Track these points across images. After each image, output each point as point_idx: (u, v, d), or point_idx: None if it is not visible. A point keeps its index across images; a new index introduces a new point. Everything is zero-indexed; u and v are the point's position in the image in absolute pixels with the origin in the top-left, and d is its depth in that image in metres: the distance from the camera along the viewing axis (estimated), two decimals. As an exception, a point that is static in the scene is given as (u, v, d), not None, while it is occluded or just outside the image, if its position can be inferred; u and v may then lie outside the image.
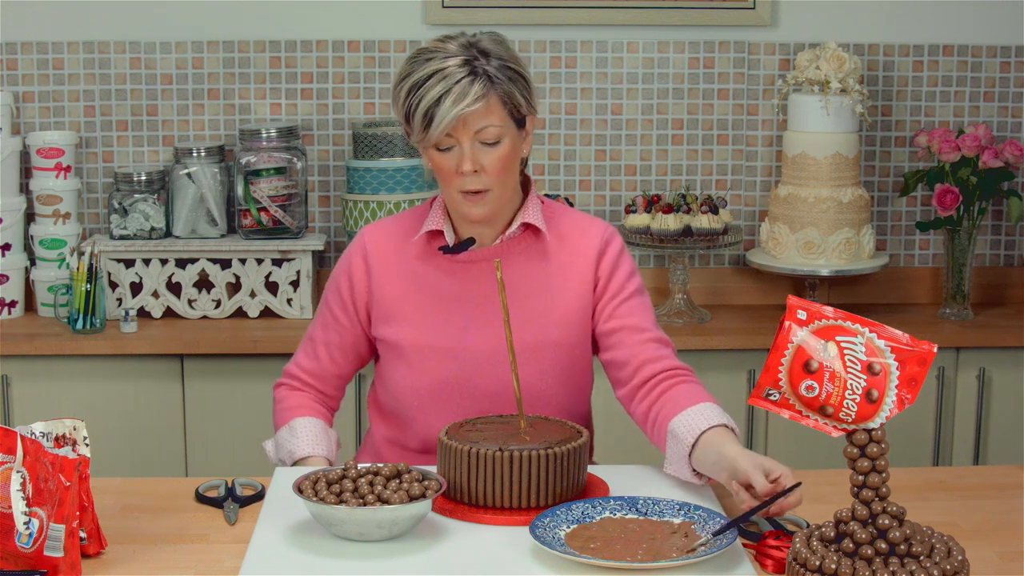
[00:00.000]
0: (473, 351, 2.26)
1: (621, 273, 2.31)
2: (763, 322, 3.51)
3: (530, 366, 2.26)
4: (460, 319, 2.28)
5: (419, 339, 2.28)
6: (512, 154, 2.21)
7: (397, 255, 2.32)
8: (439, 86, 2.14)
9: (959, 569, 1.70)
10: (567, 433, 2.09)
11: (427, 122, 2.15)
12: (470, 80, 2.14)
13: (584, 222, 2.35)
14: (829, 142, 3.46)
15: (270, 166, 3.48)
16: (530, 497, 2.01)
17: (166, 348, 3.29)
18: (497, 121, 2.18)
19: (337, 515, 1.88)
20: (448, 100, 2.13)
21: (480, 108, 2.15)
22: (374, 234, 2.35)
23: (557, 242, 2.31)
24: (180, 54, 3.61)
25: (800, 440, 3.38)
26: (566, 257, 2.30)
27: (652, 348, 2.28)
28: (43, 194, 3.51)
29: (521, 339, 2.23)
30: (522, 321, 2.25)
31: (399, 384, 2.31)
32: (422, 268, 2.31)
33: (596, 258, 2.30)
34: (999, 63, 3.69)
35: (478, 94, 2.14)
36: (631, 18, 3.63)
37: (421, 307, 2.29)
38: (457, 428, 2.11)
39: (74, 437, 1.92)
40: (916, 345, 1.73)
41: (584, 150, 3.69)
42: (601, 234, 2.32)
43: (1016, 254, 3.80)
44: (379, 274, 2.32)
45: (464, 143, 2.17)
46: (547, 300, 2.29)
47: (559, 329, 2.29)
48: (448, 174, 2.20)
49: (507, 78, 2.18)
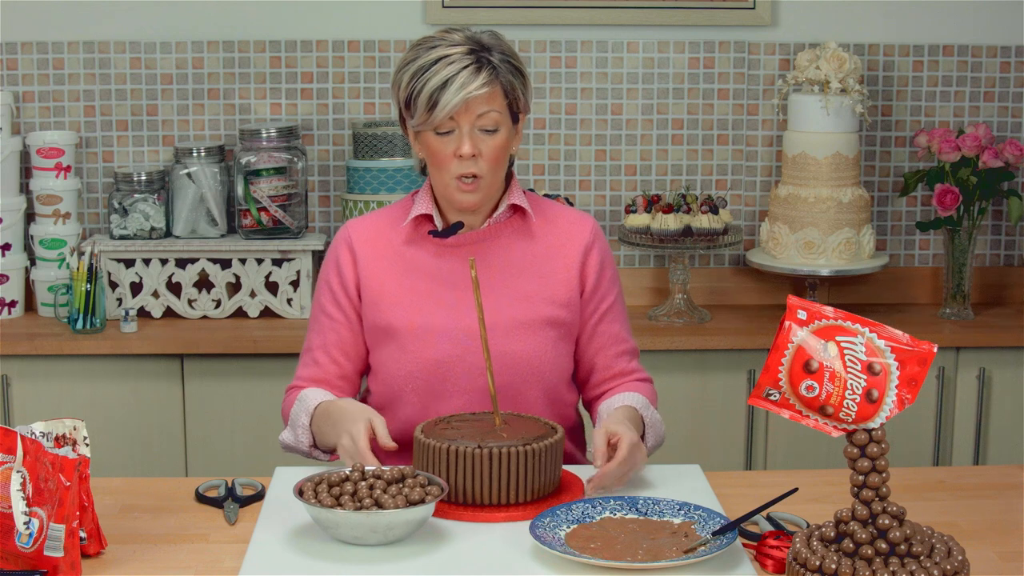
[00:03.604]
0: (466, 329, 2.28)
1: (606, 278, 2.38)
2: (763, 322, 3.51)
3: (526, 339, 2.29)
4: (451, 299, 2.30)
5: (412, 320, 2.30)
6: (506, 145, 2.26)
7: (384, 241, 2.35)
8: (446, 70, 2.19)
9: (959, 569, 1.70)
10: (543, 430, 2.11)
11: (432, 104, 2.19)
12: (476, 67, 2.20)
13: (568, 211, 2.42)
14: (829, 142, 3.46)
15: (270, 166, 3.48)
16: (508, 493, 2.02)
17: (166, 348, 3.29)
18: (499, 108, 2.23)
19: (332, 519, 1.88)
20: (455, 83, 2.18)
21: (485, 93, 2.20)
22: (358, 225, 2.38)
23: (544, 224, 2.36)
24: (180, 54, 3.61)
25: (800, 440, 3.38)
26: (554, 239, 2.35)
27: (623, 361, 2.40)
28: (43, 194, 3.51)
29: (516, 315, 2.29)
30: (516, 297, 2.30)
31: (392, 370, 2.31)
32: (410, 252, 2.33)
33: (583, 254, 2.35)
34: (999, 63, 3.69)
35: (485, 80, 2.20)
36: (631, 18, 3.63)
37: (412, 289, 2.31)
38: (432, 426, 2.12)
39: (74, 437, 1.92)
40: (916, 345, 1.73)
41: (584, 150, 3.69)
42: (590, 229, 2.38)
43: (1016, 254, 3.80)
44: (367, 261, 2.34)
45: (464, 127, 2.21)
46: (538, 279, 2.33)
47: (551, 307, 2.32)
48: (444, 159, 2.23)
49: (510, 71, 2.24)
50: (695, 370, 3.39)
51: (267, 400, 3.21)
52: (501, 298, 2.29)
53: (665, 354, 3.34)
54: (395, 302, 2.31)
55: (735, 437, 3.42)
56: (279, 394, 2.51)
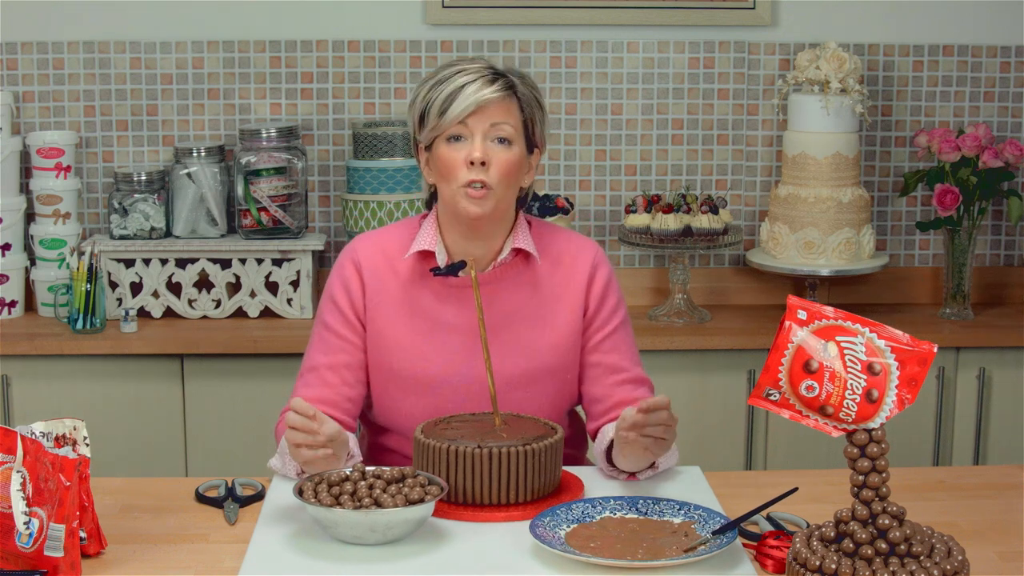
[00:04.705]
0: (467, 378, 2.26)
1: (609, 304, 2.32)
2: (763, 322, 3.51)
3: (521, 391, 2.27)
4: (453, 345, 2.27)
5: (414, 365, 2.27)
6: (519, 165, 2.22)
7: (390, 273, 2.30)
8: (462, 79, 2.19)
9: (959, 569, 1.70)
10: (542, 430, 2.11)
11: (445, 108, 2.18)
12: (493, 78, 2.20)
13: (573, 244, 2.35)
14: (829, 142, 3.46)
15: (270, 166, 3.48)
16: (508, 493, 2.02)
17: (166, 348, 3.29)
18: (512, 122, 2.20)
19: (331, 517, 1.88)
20: (470, 88, 2.18)
21: (499, 101, 2.19)
22: (366, 248, 2.32)
23: (549, 267, 2.31)
24: (180, 54, 3.61)
25: (800, 440, 3.38)
26: (558, 281, 2.31)
27: (628, 389, 2.31)
28: (43, 194, 3.51)
29: (514, 367, 2.26)
30: (515, 350, 2.27)
31: (391, 407, 2.31)
32: (414, 292, 2.29)
33: (586, 284, 2.31)
34: (999, 63, 3.69)
35: (500, 88, 2.19)
36: (631, 18, 3.63)
37: (413, 332, 2.28)
38: (432, 426, 2.12)
39: (74, 437, 1.93)
40: (916, 345, 1.73)
41: (584, 150, 3.69)
42: (591, 258, 2.33)
43: (1016, 254, 3.80)
44: (374, 293, 2.29)
45: (477, 135, 2.18)
46: (539, 328, 2.29)
47: (551, 355, 2.29)
48: (454, 167, 2.19)
49: (528, 98, 2.23)
50: (695, 370, 3.39)
51: (267, 400, 3.21)
52: (502, 348, 2.24)
53: (665, 354, 3.34)
54: (395, 344, 2.28)
55: (735, 437, 3.42)
56: (279, 394, 2.51)
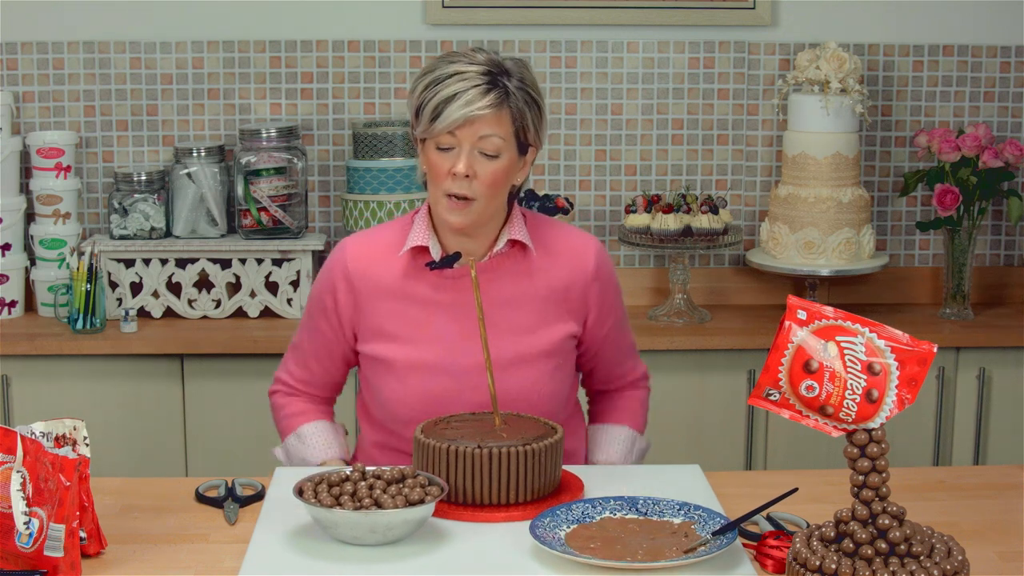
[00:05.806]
0: (463, 366, 2.27)
1: (610, 299, 2.36)
2: (763, 322, 3.51)
3: (521, 374, 2.28)
4: (449, 334, 2.28)
5: (409, 356, 2.28)
6: (507, 173, 2.22)
7: (382, 272, 2.31)
8: (456, 85, 2.17)
9: (959, 569, 1.70)
10: (542, 430, 2.11)
11: (435, 115, 2.17)
12: (487, 88, 2.17)
13: (574, 237, 2.36)
14: (829, 142, 3.46)
15: (270, 166, 3.48)
16: (508, 493, 2.02)
17: (166, 348, 3.29)
18: (502, 134, 2.19)
19: (331, 518, 1.88)
20: (461, 99, 2.16)
21: (489, 115, 2.17)
22: (356, 253, 2.33)
23: (546, 257, 2.32)
24: (180, 54, 3.61)
25: (800, 440, 3.38)
26: (557, 273, 2.31)
27: (625, 367, 2.47)
28: (43, 194, 3.51)
29: (513, 348, 2.27)
30: (512, 334, 2.28)
31: (389, 398, 2.31)
32: (409, 284, 2.30)
33: (589, 280, 2.32)
34: (999, 63, 3.69)
35: (491, 102, 2.17)
36: (631, 18, 3.63)
37: (410, 323, 2.29)
38: (432, 426, 2.12)
39: (74, 437, 1.93)
40: (916, 345, 1.73)
41: (584, 150, 3.69)
42: (594, 252, 2.34)
43: (1016, 254, 3.80)
44: (365, 294, 2.31)
45: (465, 146, 2.18)
46: (537, 312, 2.30)
47: (549, 337, 2.30)
48: (440, 174, 2.21)
49: (523, 99, 2.21)
50: (695, 370, 3.39)
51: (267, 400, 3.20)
52: (498, 332, 2.25)
53: (665, 354, 3.34)
54: (392, 336, 2.29)
55: (735, 437, 3.42)
56: (279, 394, 2.51)
